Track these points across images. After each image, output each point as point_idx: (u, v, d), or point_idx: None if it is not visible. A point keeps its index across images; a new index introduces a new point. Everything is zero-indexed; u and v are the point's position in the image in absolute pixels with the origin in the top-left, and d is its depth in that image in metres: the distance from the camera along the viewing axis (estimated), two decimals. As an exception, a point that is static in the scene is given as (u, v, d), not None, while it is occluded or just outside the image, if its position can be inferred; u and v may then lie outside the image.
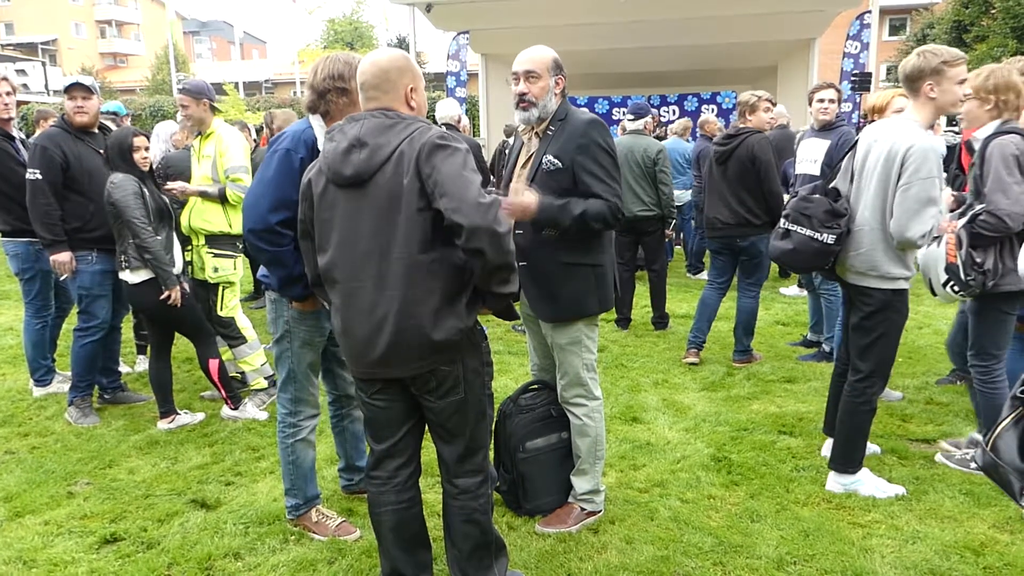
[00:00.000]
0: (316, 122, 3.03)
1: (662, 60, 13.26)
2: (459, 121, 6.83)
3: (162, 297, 4.26)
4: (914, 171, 3.13)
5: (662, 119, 14.36)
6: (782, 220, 3.52)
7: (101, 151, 4.60)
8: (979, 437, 2.19)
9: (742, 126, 5.48)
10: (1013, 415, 2.15)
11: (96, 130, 4.80)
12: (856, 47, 10.85)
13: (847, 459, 3.56)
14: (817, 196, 3.44)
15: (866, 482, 3.55)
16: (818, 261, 3.41)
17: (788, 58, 13.00)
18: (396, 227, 2.30)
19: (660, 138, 10.24)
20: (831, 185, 3.54)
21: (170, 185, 4.76)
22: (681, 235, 10.15)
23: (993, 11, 19.22)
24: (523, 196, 2.89)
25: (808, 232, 3.33)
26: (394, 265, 2.32)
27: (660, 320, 6.79)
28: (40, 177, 4.50)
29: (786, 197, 4.13)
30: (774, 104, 5.44)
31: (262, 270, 3.19)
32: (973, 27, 20.25)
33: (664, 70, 14.03)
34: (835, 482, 3.57)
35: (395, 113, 2.39)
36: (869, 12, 10.32)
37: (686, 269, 9.55)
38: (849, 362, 3.60)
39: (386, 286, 2.33)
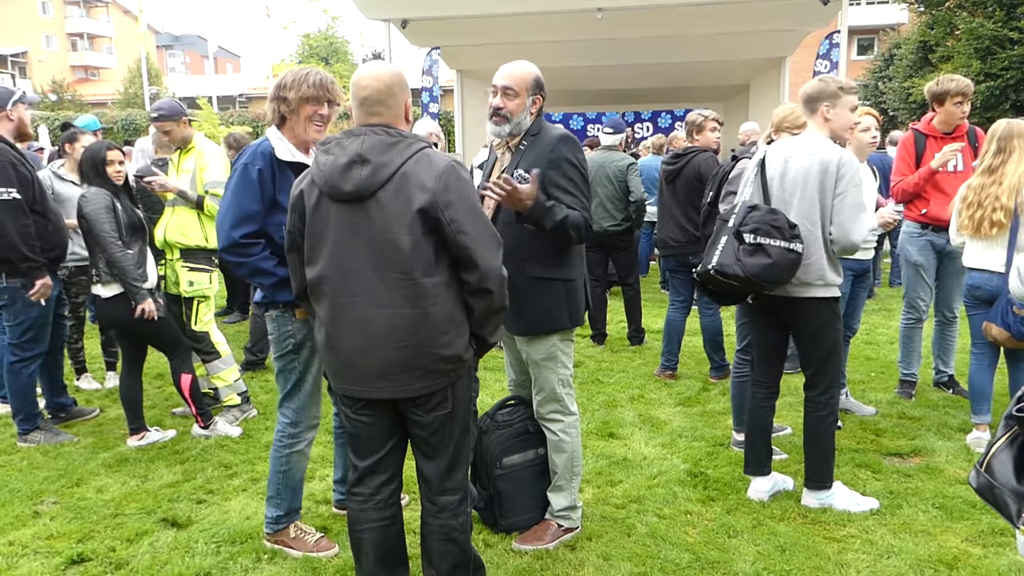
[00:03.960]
0: (273, 133, 3.09)
1: (636, 77, 13.39)
2: (435, 137, 6.81)
3: (136, 313, 4.20)
4: (848, 180, 3.29)
5: (636, 135, 14.48)
6: (748, 236, 3.31)
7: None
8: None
9: (690, 145, 5.56)
10: (1008, 435, 2.11)
11: None
12: (826, 66, 11.00)
13: (820, 474, 3.57)
14: (777, 209, 3.40)
15: (840, 496, 3.57)
16: (790, 274, 3.30)
17: (760, 76, 13.18)
18: (399, 249, 2.28)
19: (635, 155, 10.31)
20: (749, 203, 3.46)
21: (150, 178, 4.69)
22: (656, 250, 10.19)
23: (957, 32, 19.61)
24: (526, 186, 2.89)
25: (783, 244, 3.27)
26: (395, 285, 2.30)
27: (636, 335, 6.81)
28: (19, 196, 4.21)
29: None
30: (721, 123, 5.56)
31: (259, 294, 3.16)
32: (938, 47, 20.64)
33: (638, 87, 14.17)
34: (811, 498, 3.59)
35: (396, 131, 2.37)
36: (838, 32, 10.48)
37: (660, 285, 9.59)
38: (769, 384, 3.69)
39: (383, 304, 2.31)
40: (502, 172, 3.18)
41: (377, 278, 2.31)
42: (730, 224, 3.38)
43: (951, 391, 5.23)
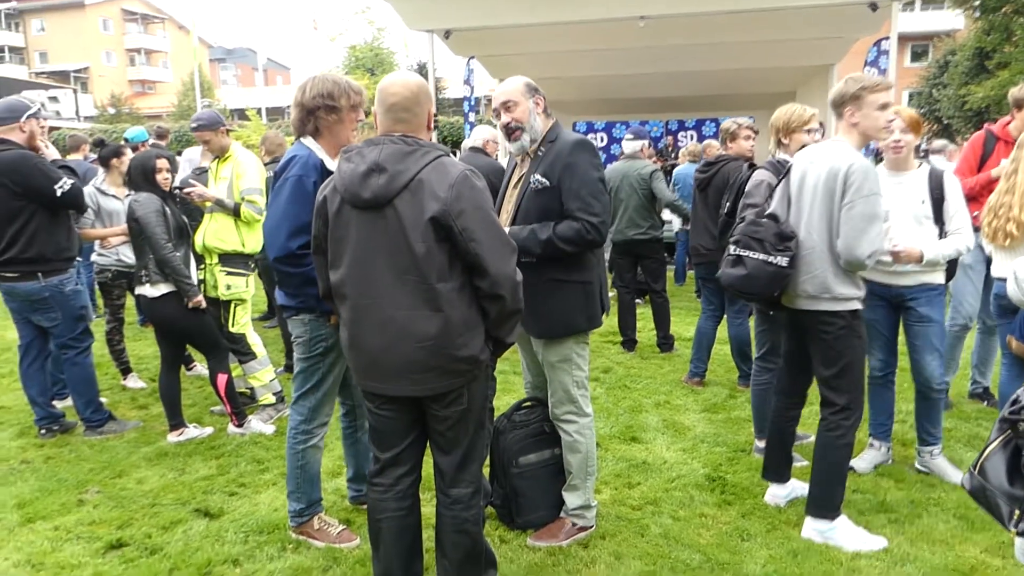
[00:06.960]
0: (313, 144, 3.17)
1: (679, 85, 13.31)
2: (492, 144, 6.91)
3: (190, 306, 4.46)
4: (856, 189, 3.08)
5: (679, 144, 14.43)
6: (731, 247, 3.35)
7: None
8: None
9: (723, 153, 5.56)
10: (1001, 438, 2.13)
11: None
12: (874, 73, 10.87)
13: (825, 502, 3.32)
14: (765, 220, 3.33)
15: (845, 531, 3.31)
16: (774, 286, 3.23)
17: (807, 84, 13.00)
18: (414, 255, 2.38)
19: (674, 165, 10.31)
20: (769, 211, 3.43)
21: (189, 189, 4.93)
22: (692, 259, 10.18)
23: (1015, 38, 19.15)
24: None
25: (761, 256, 3.21)
26: (413, 289, 2.40)
27: (664, 342, 6.83)
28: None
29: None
30: (756, 132, 5.48)
31: (284, 298, 3.23)
32: (995, 54, 20.19)
33: (681, 95, 14.07)
34: (811, 529, 3.35)
35: (414, 139, 2.48)
36: (887, 39, 10.31)
37: (695, 293, 9.56)
38: (792, 395, 3.62)
39: (402, 306, 2.41)
40: (521, 177, 3.28)
41: (396, 281, 2.42)
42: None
43: (986, 403, 5.14)
